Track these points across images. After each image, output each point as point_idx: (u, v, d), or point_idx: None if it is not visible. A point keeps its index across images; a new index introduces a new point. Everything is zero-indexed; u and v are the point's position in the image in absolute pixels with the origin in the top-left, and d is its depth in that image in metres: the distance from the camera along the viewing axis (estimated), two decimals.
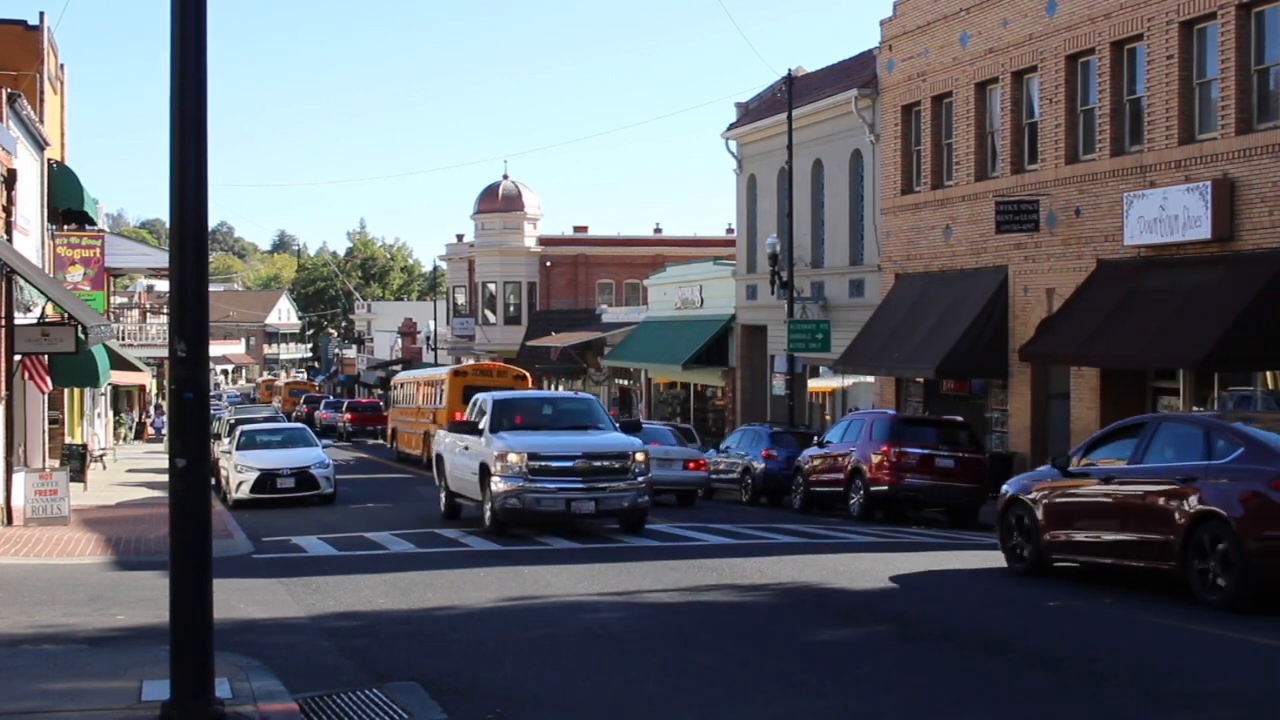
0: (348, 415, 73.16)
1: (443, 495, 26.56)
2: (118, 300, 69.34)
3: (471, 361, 59.95)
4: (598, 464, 22.38)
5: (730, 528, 24.33)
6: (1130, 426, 16.57)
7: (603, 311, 65.89)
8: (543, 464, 22.23)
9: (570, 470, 22.30)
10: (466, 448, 24.27)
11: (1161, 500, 14.67)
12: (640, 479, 22.68)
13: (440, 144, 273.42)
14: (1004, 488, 18.26)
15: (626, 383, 60.84)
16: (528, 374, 51.50)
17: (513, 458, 22.17)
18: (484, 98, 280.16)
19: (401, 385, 57.30)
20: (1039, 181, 30.16)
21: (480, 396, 25.55)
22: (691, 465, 31.92)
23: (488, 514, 22.72)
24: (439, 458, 26.80)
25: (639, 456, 22.79)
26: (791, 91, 39.60)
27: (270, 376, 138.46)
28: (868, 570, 17.61)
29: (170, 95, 9.01)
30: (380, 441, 63.53)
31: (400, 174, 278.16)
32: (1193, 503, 14.17)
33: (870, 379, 37.58)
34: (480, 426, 23.73)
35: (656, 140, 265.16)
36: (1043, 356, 29.03)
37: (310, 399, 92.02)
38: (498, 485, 22.23)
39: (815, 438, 32.11)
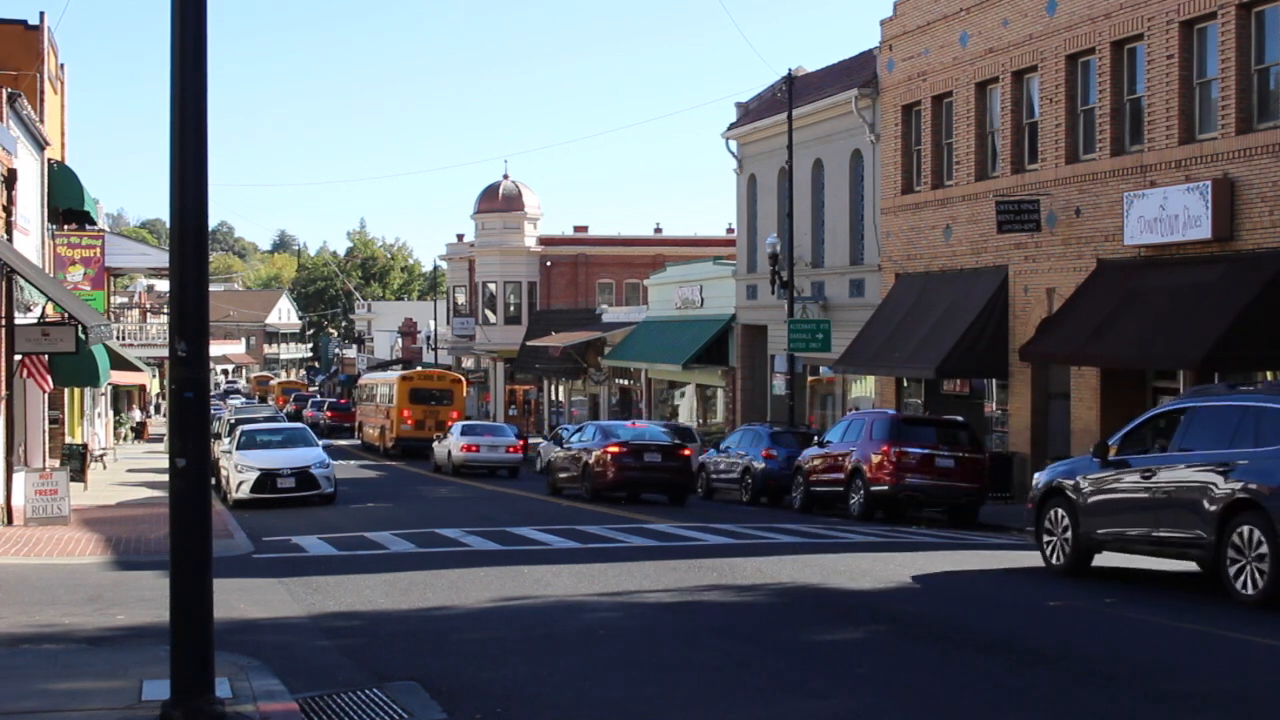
0: (328, 413, 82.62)
1: None
2: (118, 300, 69.33)
3: (419, 368, 70.05)
4: None
5: (730, 528, 24.32)
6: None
7: (603, 311, 65.85)
8: None
9: None
10: None
11: None
12: None
13: (440, 144, 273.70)
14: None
15: (627, 383, 60.86)
16: (463, 378, 63.58)
17: None
18: (484, 98, 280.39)
19: (365, 387, 68.03)
20: (1039, 181, 30.16)
21: None
22: (510, 449, 44.93)
23: None
24: None
25: None
26: (791, 91, 39.59)
27: (264, 374, 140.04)
28: (868, 570, 17.61)
29: (170, 95, 9.01)
30: (355, 439, 70.60)
31: (400, 174, 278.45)
32: None
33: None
34: None
35: (656, 140, 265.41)
36: (1043, 356, 29.02)
37: (299, 397, 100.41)
38: None
39: (815, 438, 32.12)
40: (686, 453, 32.99)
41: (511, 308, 76.82)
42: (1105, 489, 16.52)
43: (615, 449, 32.27)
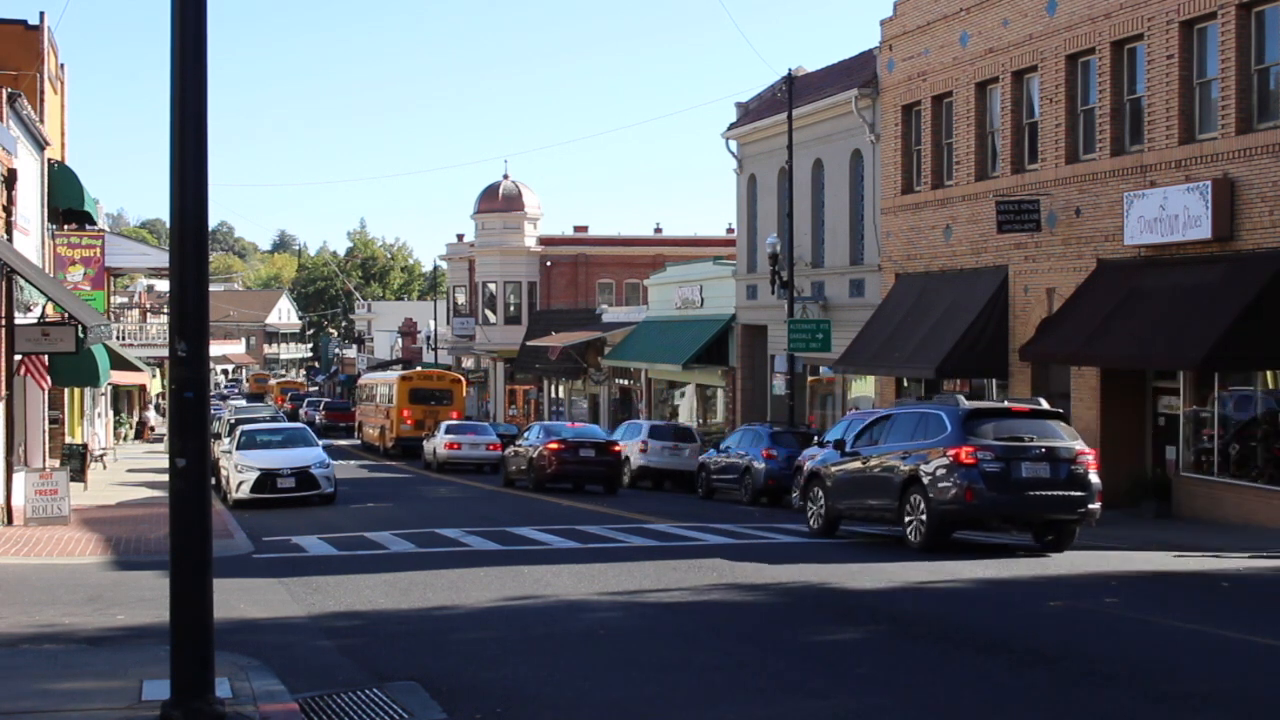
0: (323, 413, 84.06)
1: None
2: (118, 300, 69.35)
3: (419, 368, 70.62)
4: None
5: (730, 528, 24.33)
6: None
7: (603, 311, 65.83)
8: None
9: None
10: None
11: None
12: None
13: (440, 144, 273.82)
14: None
15: (627, 383, 60.85)
16: (463, 379, 64.32)
17: None
18: (484, 98, 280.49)
19: (365, 387, 68.91)
20: (1039, 181, 30.16)
21: None
22: (490, 446, 47.75)
23: None
24: None
25: None
26: (791, 91, 39.57)
27: (262, 373, 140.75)
28: (867, 570, 17.61)
29: (170, 95, 9.01)
30: (353, 438, 71.50)
31: (400, 174, 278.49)
32: None
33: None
34: None
35: (656, 140, 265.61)
36: (1043, 356, 29.02)
37: (296, 397, 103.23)
38: None
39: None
40: (617, 449, 37.17)
41: (511, 308, 76.82)
42: (842, 473, 22.19)
43: (555, 446, 36.42)
